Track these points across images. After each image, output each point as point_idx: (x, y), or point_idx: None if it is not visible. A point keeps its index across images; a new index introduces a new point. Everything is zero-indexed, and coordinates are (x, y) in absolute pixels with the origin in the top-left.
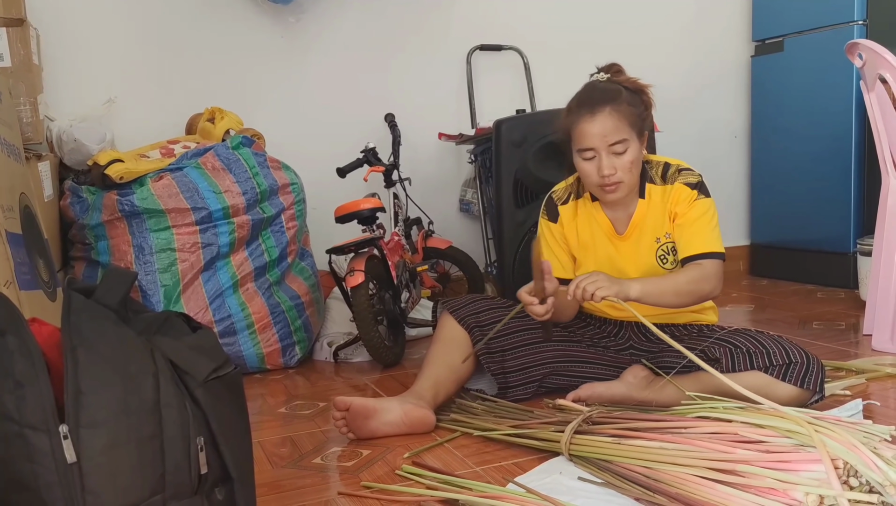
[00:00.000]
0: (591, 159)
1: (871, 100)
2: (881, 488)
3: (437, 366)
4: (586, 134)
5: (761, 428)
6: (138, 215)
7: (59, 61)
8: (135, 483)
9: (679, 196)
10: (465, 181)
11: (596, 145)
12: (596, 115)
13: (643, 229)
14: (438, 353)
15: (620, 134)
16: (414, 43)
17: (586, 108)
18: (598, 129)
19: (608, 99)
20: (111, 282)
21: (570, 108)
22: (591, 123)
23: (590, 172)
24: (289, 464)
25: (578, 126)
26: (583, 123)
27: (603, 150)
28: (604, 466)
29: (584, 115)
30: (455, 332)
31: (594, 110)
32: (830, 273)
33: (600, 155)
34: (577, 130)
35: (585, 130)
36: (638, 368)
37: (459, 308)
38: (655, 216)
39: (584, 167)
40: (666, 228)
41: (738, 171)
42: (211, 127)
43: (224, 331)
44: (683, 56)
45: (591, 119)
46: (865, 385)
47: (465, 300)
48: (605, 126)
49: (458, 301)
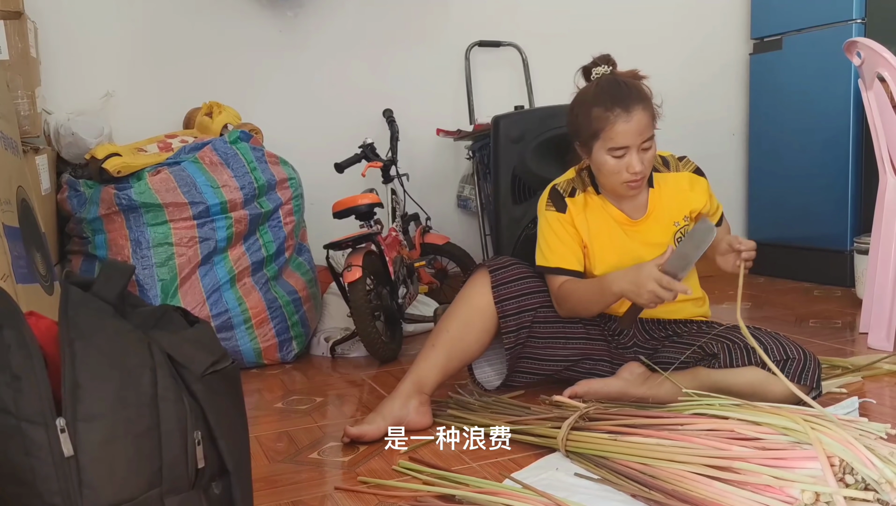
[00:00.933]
0: (621, 157)
1: (870, 98)
2: (877, 485)
3: (450, 347)
4: (622, 133)
5: (758, 425)
6: (136, 209)
7: (57, 55)
8: (132, 477)
9: (695, 182)
10: (462, 177)
11: (631, 143)
12: (632, 113)
13: (659, 214)
14: (456, 327)
15: (650, 130)
16: (412, 38)
17: (621, 106)
18: (635, 127)
19: (641, 97)
20: (109, 276)
21: (594, 104)
22: (627, 123)
23: (618, 169)
24: (285, 459)
25: (613, 125)
26: (619, 123)
27: (635, 147)
28: (600, 462)
29: (620, 113)
30: (485, 302)
31: (630, 109)
32: (827, 271)
33: (631, 152)
34: (612, 129)
35: (622, 129)
36: (634, 364)
37: (501, 284)
38: (669, 202)
39: (612, 165)
40: (684, 212)
41: (736, 168)
42: (209, 121)
43: (221, 325)
44: (682, 53)
45: (628, 118)
46: (861, 383)
47: (511, 275)
48: (640, 124)
49: (504, 273)
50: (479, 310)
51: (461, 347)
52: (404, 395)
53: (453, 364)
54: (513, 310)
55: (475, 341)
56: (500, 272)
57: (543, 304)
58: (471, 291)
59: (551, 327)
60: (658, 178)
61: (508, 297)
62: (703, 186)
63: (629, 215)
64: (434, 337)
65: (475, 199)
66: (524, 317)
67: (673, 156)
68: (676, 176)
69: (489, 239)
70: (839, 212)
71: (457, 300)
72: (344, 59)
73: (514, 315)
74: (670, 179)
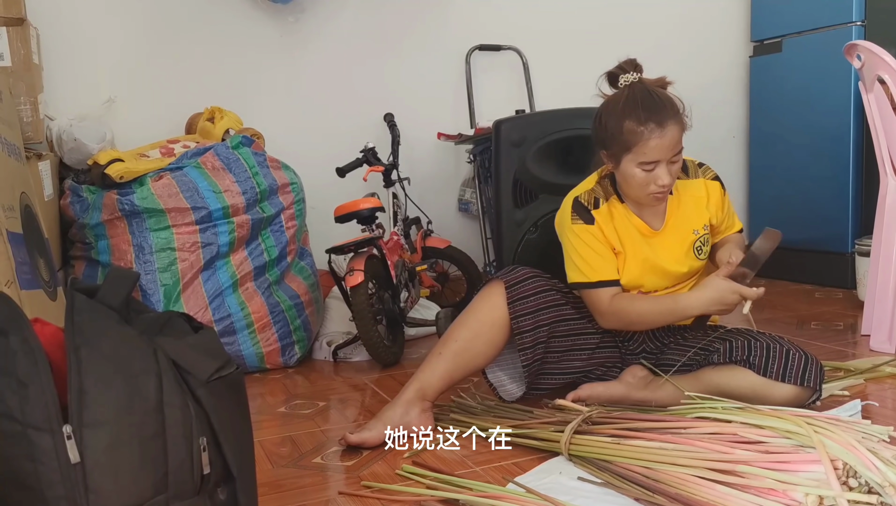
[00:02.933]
0: (651, 171)
1: (870, 101)
2: (880, 488)
3: (457, 356)
4: (656, 148)
5: (760, 428)
6: (138, 215)
7: (59, 61)
8: (138, 483)
9: (711, 190)
10: (463, 181)
11: (662, 158)
12: (666, 128)
13: (677, 223)
14: (465, 338)
15: (680, 144)
16: (413, 43)
17: (654, 121)
18: (668, 143)
19: (673, 111)
20: (114, 282)
21: (627, 116)
22: (661, 138)
23: (647, 182)
24: (289, 463)
25: (647, 141)
26: (653, 138)
27: (665, 161)
28: (603, 466)
29: (655, 129)
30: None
31: (664, 124)
32: (828, 273)
33: (661, 166)
34: (645, 144)
35: (655, 144)
36: (637, 368)
37: (518, 299)
38: (688, 209)
39: (641, 178)
40: (703, 221)
41: (736, 171)
42: (211, 126)
43: (223, 330)
44: (682, 56)
45: (662, 133)
46: (864, 386)
47: (529, 289)
48: (673, 140)
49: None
50: (491, 323)
51: (467, 357)
52: (407, 402)
53: (458, 373)
54: (529, 326)
55: (482, 354)
56: (517, 287)
57: (559, 317)
58: (484, 303)
59: (567, 341)
60: (678, 185)
61: (525, 312)
62: (717, 194)
63: (649, 224)
64: (441, 345)
65: (476, 202)
66: (540, 333)
67: (693, 162)
68: (694, 183)
69: (490, 243)
70: (840, 214)
71: (468, 310)
72: (345, 64)
73: (530, 331)
74: (689, 186)
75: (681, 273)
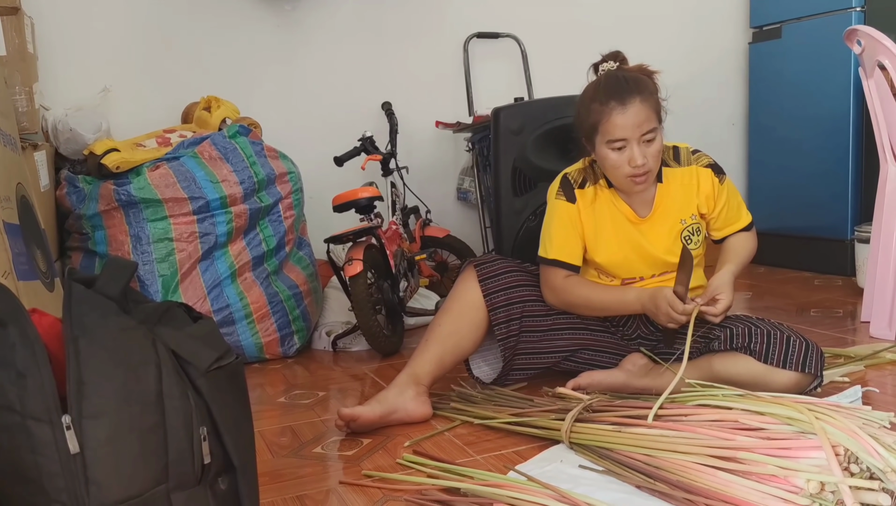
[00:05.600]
0: (621, 150)
1: (870, 87)
2: (882, 474)
3: (444, 341)
4: (619, 125)
5: (761, 415)
6: (135, 205)
7: (55, 50)
8: (138, 473)
9: (702, 178)
10: (462, 169)
11: (628, 136)
12: (627, 105)
13: (666, 211)
14: (449, 322)
15: (651, 123)
16: (411, 31)
17: (616, 99)
18: (632, 119)
19: (638, 89)
20: (112, 272)
21: (592, 99)
22: (623, 115)
23: (620, 163)
24: (289, 453)
25: (609, 118)
26: (615, 115)
27: (634, 140)
28: (604, 453)
29: (615, 106)
30: (475, 296)
31: (625, 101)
32: (828, 260)
33: (631, 145)
34: (608, 121)
35: (618, 121)
36: (637, 355)
37: (488, 278)
38: (678, 198)
39: (613, 159)
40: (691, 210)
41: (736, 158)
42: (207, 116)
43: (222, 321)
44: (681, 43)
45: (623, 110)
46: (864, 372)
47: (497, 269)
48: (637, 116)
49: (490, 267)
50: (469, 304)
51: (454, 341)
52: (400, 384)
53: (448, 358)
54: (501, 302)
55: (468, 336)
56: (485, 267)
57: (532, 297)
58: (460, 287)
59: (544, 321)
60: (667, 172)
61: (496, 290)
62: (708, 182)
63: (636, 211)
64: (428, 333)
65: (475, 191)
66: (513, 309)
67: (688, 148)
68: (686, 171)
69: (489, 231)
70: (840, 201)
71: (448, 297)
72: (342, 52)
73: (502, 307)
74: (679, 174)
75: (669, 261)
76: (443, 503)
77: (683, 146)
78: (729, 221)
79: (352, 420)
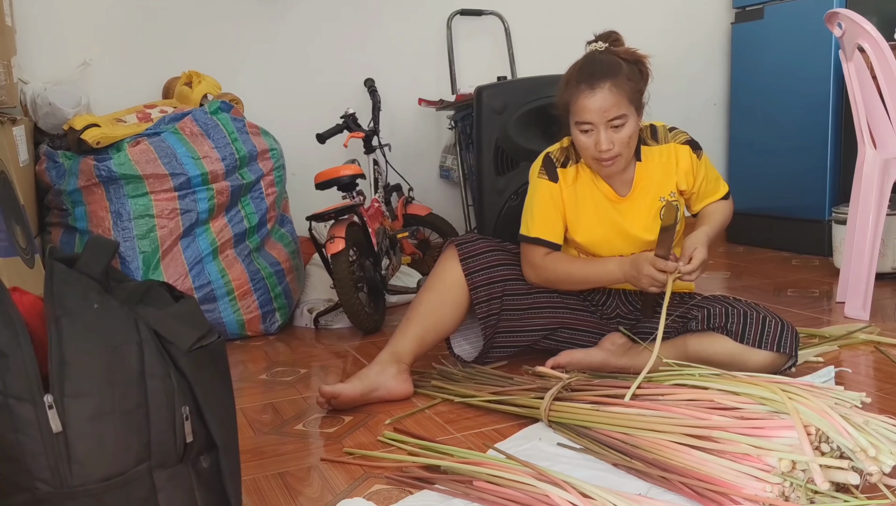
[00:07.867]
0: (588, 133)
1: (850, 70)
2: (851, 453)
3: (425, 319)
4: (585, 109)
5: (737, 395)
6: (116, 181)
7: (33, 23)
8: (120, 452)
9: (680, 155)
10: (445, 147)
11: (594, 120)
12: (595, 90)
13: (646, 189)
14: (430, 301)
15: (619, 109)
16: (394, 7)
17: (586, 82)
18: (598, 104)
19: (609, 74)
20: (93, 251)
21: (568, 79)
22: (590, 99)
23: (587, 145)
24: (271, 430)
25: (578, 100)
26: (582, 98)
27: (601, 125)
28: (582, 432)
29: (584, 89)
30: (456, 275)
31: (594, 85)
32: (805, 241)
33: (598, 129)
34: (577, 103)
35: (585, 104)
36: (616, 335)
37: (469, 257)
38: (657, 175)
39: (581, 140)
40: (670, 187)
41: (717, 138)
42: (188, 91)
43: (204, 298)
44: (663, 22)
45: (591, 94)
46: (838, 352)
47: (479, 248)
48: (604, 102)
49: (472, 246)
50: (450, 283)
51: (434, 319)
52: (382, 362)
53: (429, 336)
54: (482, 281)
55: (448, 314)
56: (466, 246)
57: (512, 276)
58: (441, 266)
59: (524, 299)
60: (645, 151)
61: (477, 269)
62: (686, 159)
63: (616, 191)
64: (409, 311)
65: (457, 169)
66: (494, 288)
67: (665, 126)
68: (663, 149)
69: (472, 210)
70: (818, 182)
71: (430, 276)
72: (325, 29)
73: (483, 286)
74: (657, 152)
75: (648, 239)
76: (423, 481)
77: (660, 124)
78: (707, 194)
79: (333, 397)
